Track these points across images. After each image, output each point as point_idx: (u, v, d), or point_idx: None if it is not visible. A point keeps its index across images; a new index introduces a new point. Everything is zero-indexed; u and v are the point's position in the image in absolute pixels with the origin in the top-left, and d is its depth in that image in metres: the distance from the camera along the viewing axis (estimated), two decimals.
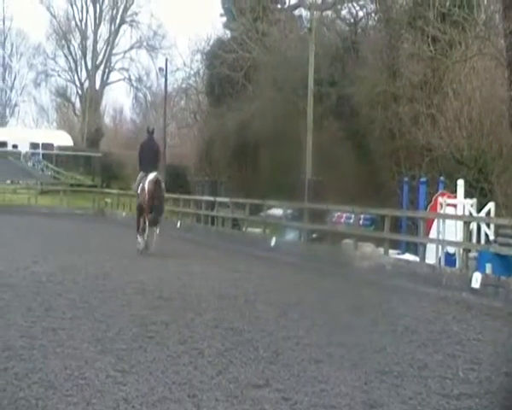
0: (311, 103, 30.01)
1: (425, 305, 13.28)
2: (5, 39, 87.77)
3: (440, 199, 19.91)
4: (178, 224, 32.28)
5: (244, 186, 35.52)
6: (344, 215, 25.24)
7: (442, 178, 22.35)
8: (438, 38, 29.03)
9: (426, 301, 13.82)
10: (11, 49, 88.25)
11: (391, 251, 19.99)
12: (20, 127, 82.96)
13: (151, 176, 20.41)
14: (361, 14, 39.01)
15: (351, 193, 28.34)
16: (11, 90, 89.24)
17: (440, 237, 18.42)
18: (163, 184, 21.24)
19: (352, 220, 23.74)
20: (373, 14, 38.38)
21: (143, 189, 20.49)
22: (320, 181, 28.27)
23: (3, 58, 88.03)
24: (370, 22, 38.78)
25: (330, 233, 23.07)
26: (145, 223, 20.60)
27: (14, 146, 69.80)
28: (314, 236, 24.96)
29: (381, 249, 20.09)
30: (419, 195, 22.44)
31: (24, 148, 69.03)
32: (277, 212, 28.06)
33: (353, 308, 12.29)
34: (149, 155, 21.01)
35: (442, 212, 19.29)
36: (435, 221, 19.13)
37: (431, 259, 18.31)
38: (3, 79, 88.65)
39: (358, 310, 12.10)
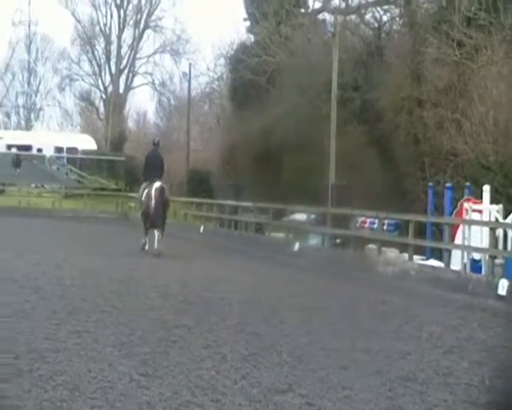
0: (334, 108, 29.94)
1: (450, 311, 13.19)
2: (30, 44, 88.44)
3: (466, 205, 19.77)
4: (202, 228, 32.32)
5: (267, 191, 35.43)
6: (368, 220, 25.13)
7: (468, 183, 22.18)
8: (463, 42, 28.87)
9: (451, 307, 13.72)
10: (36, 54, 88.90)
11: (415, 257, 19.85)
12: (45, 131, 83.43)
13: (156, 184, 21.21)
14: (385, 18, 38.89)
15: (375, 198, 28.21)
16: (36, 95, 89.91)
17: (466, 244, 18.27)
18: (167, 192, 22.03)
19: (375, 226, 23.62)
20: (397, 19, 38.24)
21: (149, 195, 21.24)
22: (344, 186, 28.17)
23: (29, 63, 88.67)
24: (395, 27, 38.63)
25: (354, 238, 22.98)
26: (151, 227, 21.35)
27: (39, 150, 70.12)
28: (338, 241, 24.87)
29: (406, 255, 19.98)
30: (444, 200, 22.28)
31: (48, 152, 69.32)
32: (301, 217, 27.99)
33: (377, 314, 12.23)
34: (154, 167, 21.74)
35: (468, 218, 19.15)
36: (461, 227, 18.99)
37: (456, 265, 18.17)
38: (29, 84, 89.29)
39: (383, 316, 12.04)
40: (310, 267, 20.31)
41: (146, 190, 21.63)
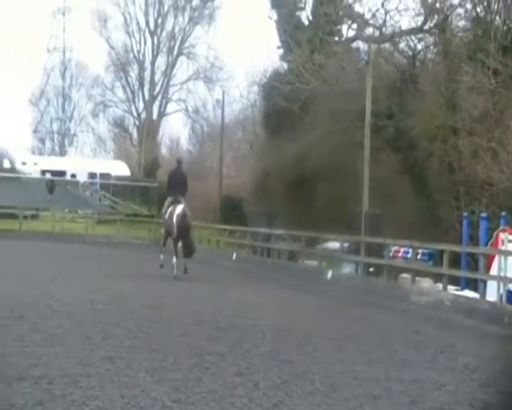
0: (368, 135, 29.91)
1: (485, 343, 13.04)
2: (65, 70, 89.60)
3: (502, 235, 19.60)
4: (234, 255, 32.35)
5: (300, 218, 35.39)
6: (401, 249, 24.98)
7: (503, 213, 21.99)
8: (499, 70, 28.75)
9: (486, 338, 13.57)
10: (70, 80, 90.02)
11: (450, 287, 19.70)
12: (79, 157, 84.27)
13: (179, 209, 21.82)
14: (419, 46, 38.85)
15: (408, 227, 28.04)
16: (70, 121, 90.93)
17: (502, 274, 18.08)
18: (190, 217, 22.30)
19: (409, 255, 23.49)
20: (431, 47, 38.20)
21: (171, 219, 21.95)
22: (377, 214, 28.05)
23: (63, 89, 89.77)
24: (429, 55, 38.59)
25: (387, 267, 22.86)
26: (175, 249, 22.15)
27: (73, 175, 70.84)
28: (371, 269, 24.75)
29: (440, 285, 19.82)
30: (479, 230, 22.10)
31: (82, 177, 69.99)
32: (334, 245, 27.91)
33: (411, 344, 12.13)
34: (178, 184, 22.47)
35: (504, 248, 18.97)
36: (496, 257, 18.81)
37: (492, 296, 17.96)
38: (63, 110, 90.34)
39: (416, 345, 11.95)
40: (343, 295, 20.23)
41: (169, 210, 22.32)
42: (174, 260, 21.95)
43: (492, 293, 18.09)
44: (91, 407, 6.83)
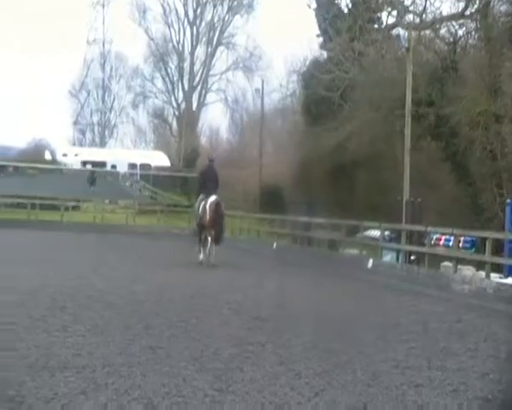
0: (408, 123, 29.71)
1: None
2: (105, 62, 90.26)
3: None
4: (274, 245, 32.35)
5: (340, 207, 35.31)
6: (443, 237, 24.80)
7: None
8: None
9: None
10: (110, 72, 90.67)
11: (493, 275, 19.49)
12: (119, 148, 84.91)
13: (212, 198, 22.48)
14: (460, 32, 38.44)
15: (450, 215, 27.87)
16: (110, 112, 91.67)
17: None
18: (223, 205, 22.97)
19: (451, 243, 23.31)
20: (473, 33, 37.76)
21: (205, 209, 22.44)
22: (418, 202, 27.87)
23: (103, 80, 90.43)
24: (470, 41, 38.16)
25: (429, 255, 22.69)
26: (206, 239, 22.59)
27: (113, 166, 71.49)
28: (412, 258, 24.60)
29: (483, 273, 19.63)
30: None
31: (122, 168, 70.62)
32: (374, 233, 27.79)
33: (454, 332, 12.04)
34: (210, 182, 22.98)
35: None
36: None
37: None
38: (103, 101, 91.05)
39: (459, 334, 11.85)
40: (384, 284, 20.14)
41: (202, 203, 22.81)
42: (208, 247, 22.47)
43: None
44: (134, 396, 6.88)
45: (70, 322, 10.61)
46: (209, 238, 22.46)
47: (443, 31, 39.27)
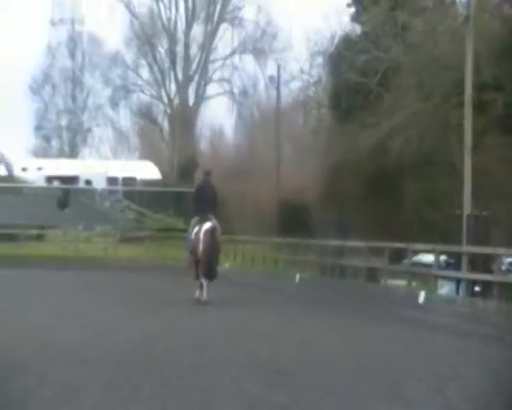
0: (469, 115, 29.68)
1: None
2: (74, 47, 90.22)
3: None
4: (297, 277, 32.39)
5: (382, 226, 35.35)
6: None
7: None
8: None
9: None
10: (82, 60, 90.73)
11: None
12: (95, 159, 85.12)
13: (207, 225, 23.49)
14: None
15: None
16: (83, 112, 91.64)
17: None
18: (219, 233, 23.94)
19: None
20: None
21: (198, 238, 23.54)
22: (483, 217, 27.85)
23: (73, 72, 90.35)
24: None
25: (499, 285, 22.63)
26: (200, 274, 23.63)
27: (88, 182, 71.67)
28: (477, 289, 24.59)
29: None
30: None
31: (99, 184, 70.79)
32: (426, 258, 27.78)
33: None
34: (205, 200, 23.94)
35: None
36: None
37: None
38: (73, 98, 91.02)
39: None
40: (441, 325, 20.09)
41: (196, 229, 23.82)
42: (202, 282, 23.37)
43: None
44: None
45: (34, 386, 10.58)
46: (203, 276, 23.46)
47: None
